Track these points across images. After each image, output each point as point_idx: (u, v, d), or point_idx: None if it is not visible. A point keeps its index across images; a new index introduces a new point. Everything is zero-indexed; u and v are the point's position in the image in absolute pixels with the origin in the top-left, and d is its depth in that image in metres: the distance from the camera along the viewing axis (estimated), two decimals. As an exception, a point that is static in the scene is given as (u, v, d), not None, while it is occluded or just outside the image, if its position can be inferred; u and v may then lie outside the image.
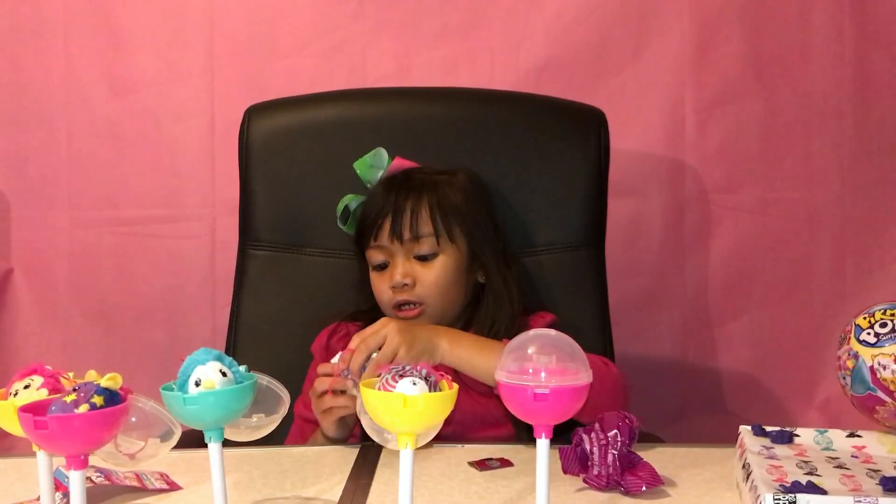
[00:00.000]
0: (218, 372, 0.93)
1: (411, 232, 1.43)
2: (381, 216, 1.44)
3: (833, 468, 1.05)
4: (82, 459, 0.88)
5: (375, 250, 1.45)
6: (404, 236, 1.43)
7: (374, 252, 1.46)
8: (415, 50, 1.96)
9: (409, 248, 1.43)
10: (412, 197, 1.44)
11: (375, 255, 1.46)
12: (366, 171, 1.53)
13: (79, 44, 1.95)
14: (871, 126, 1.98)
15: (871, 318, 1.15)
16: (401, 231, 1.42)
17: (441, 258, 1.45)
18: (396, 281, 1.42)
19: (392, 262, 1.44)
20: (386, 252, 1.44)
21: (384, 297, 1.45)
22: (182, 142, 1.97)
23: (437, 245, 1.44)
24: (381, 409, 0.92)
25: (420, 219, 1.43)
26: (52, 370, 0.99)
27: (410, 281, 1.42)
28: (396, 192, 1.45)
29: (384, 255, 1.45)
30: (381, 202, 1.45)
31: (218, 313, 1.94)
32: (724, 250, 2.00)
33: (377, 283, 1.46)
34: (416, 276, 1.43)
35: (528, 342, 0.95)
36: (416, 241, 1.43)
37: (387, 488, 1.12)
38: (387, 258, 1.45)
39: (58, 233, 1.98)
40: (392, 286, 1.43)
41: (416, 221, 1.43)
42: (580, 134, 1.66)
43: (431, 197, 1.45)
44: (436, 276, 1.44)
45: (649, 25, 1.96)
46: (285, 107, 1.70)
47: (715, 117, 1.98)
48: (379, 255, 1.45)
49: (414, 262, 1.44)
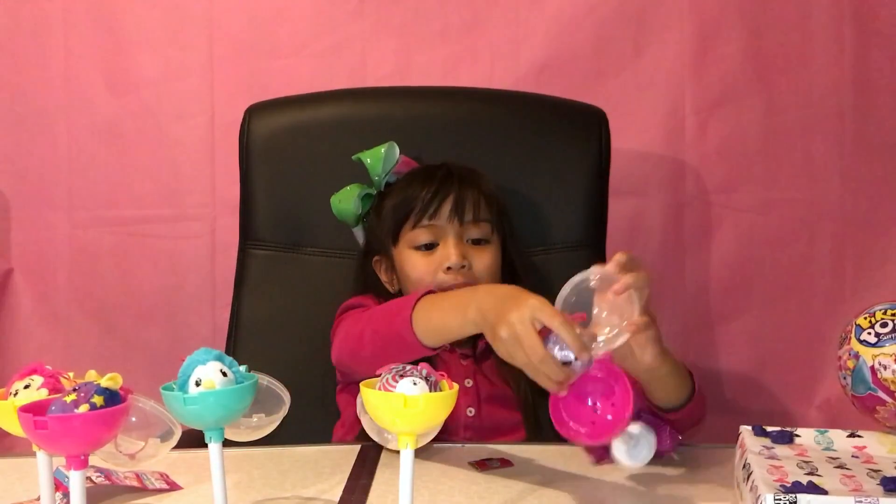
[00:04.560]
0: (218, 372, 0.93)
1: (474, 214, 1.41)
2: (438, 197, 1.41)
3: (834, 468, 1.05)
4: (82, 459, 0.88)
5: (426, 230, 1.42)
6: (466, 217, 1.41)
7: (422, 232, 1.42)
8: (415, 50, 1.96)
9: (463, 231, 1.42)
10: (468, 182, 1.44)
11: (423, 234, 1.42)
12: (377, 163, 1.50)
13: (79, 44, 1.94)
14: (871, 126, 1.98)
15: (872, 318, 1.15)
16: (463, 211, 1.41)
17: (492, 245, 1.45)
18: (454, 262, 1.39)
19: (443, 243, 1.41)
20: (437, 233, 1.42)
21: (428, 278, 1.40)
22: (182, 141, 1.97)
23: (490, 232, 1.44)
24: (382, 409, 0.92)
25: (481, 203, 1.43)
26: (52, 370, 0.99)
27: (468, 263, 1.40)
28: (450, 177, 1.43)
29: (433, 235, 1.42)
30: (437, 185, 1.42)
31: (218, 313, 1.94)
32: (725, 250, 2.00)
33: (421, 263, 1.42)
34: (470, 259, 1.41)
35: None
36: (475, 223, 1.42)
37: (387, 488, 1.12)
38: (435, 239, 1.42)
39: (58, 233, 1.97)
40: (449, 266, 1.39)
41: (476, 207, 1.42)
42: (581, 133, 1.67)
43: (484, 186, 1.45)
44: (491, 260, 1.43)
45: (649, 25, 1.96)
46: (285, 106, 1.70)
47: (715, 117, 1.98)
48: (428, 235, 1.42)
49: (466, 245, 1.42)
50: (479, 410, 1.42)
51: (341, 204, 1.52)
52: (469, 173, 1.47)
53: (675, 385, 1.21)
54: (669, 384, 1.21)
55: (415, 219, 1.42)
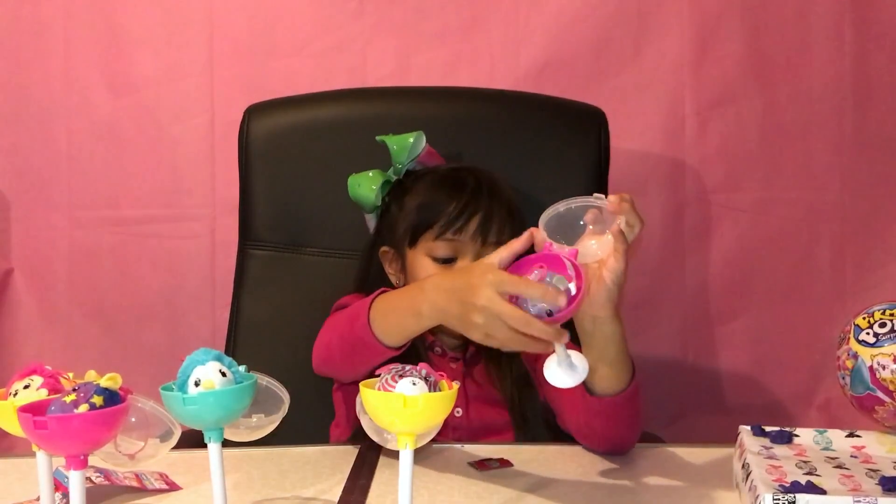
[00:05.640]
0: (218, 372, 0.93)
1: (497, 237, 1.40)
2: (465, 213, 1.40)
3: (832, 468, 1.05)
4: (82, 459, 0.88)
5: (447, 244, 1.41)
6: (490, 238, 1.40)
7: (443, 245, 1.41)
8: (415, 50, 1.96)
9: (483, 249, 1.41)
10: (496, 198, 1.43)
11: (444, 248, 1.41)
12: (402, 151, 1.48)
13: (79, 44, 1.94)
14: (871, 126, 1.98)
15: (871, 318, 1.15)
16: (488, 232, 1.40)
17: None
18: None
19: (462, 260, 1.40)
20: (458, 248, 1.41)
21: None
22: (182, 142, 1.97)
23: None
24: (381, 409, 0.92)
25: (504, 225, 1.42)
26: (52, 370, 0.99)
27: None
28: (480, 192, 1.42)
29: (453, 250, 1.41)
30: (466, 198, 1.41)
31: (218, 313, 1.94)
32: (724, 250, 2.01)
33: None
34: None
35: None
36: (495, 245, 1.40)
37: (386, 488, 1.12)
38: (455, 254, 1.41)
39: (58, 233, 1.97)
40: None
41: (501, 227, 1.41)
42: (581, 133, 1.67)
43: (510, 203, 1.44)
44: None
45: (649, 25, 1.96)
46: (285, 106, 1.70)
47: (715, 117, 1.98)
48: (448, 249, 1.41)
49: None
50: (468, 411, 1.43)
51: (360, 189, 1.50)
52: (495, 186, 1.45)
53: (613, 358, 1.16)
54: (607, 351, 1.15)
55: (438, 230, 1.41)
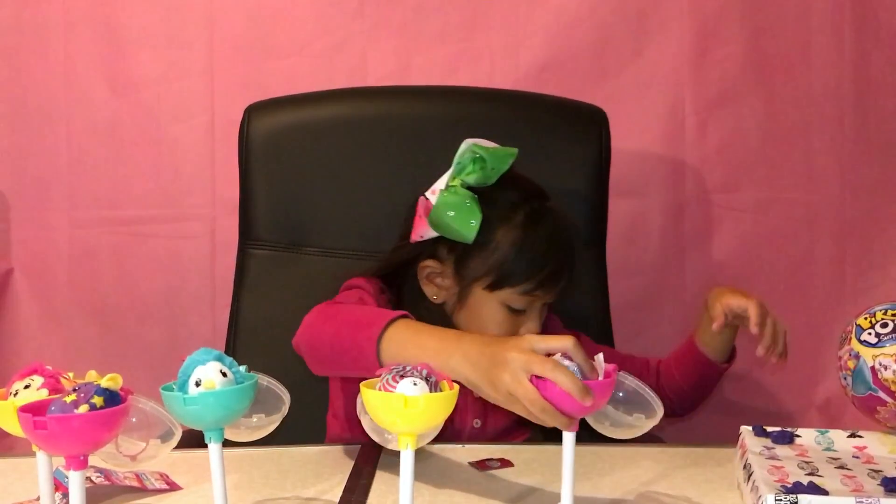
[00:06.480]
0: (218, 372, 0.92)
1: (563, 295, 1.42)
2: (561, 277, 1.39)
3: (834, 469, 1.05)
4: (82, 460, 0.87)
5: (527, 298, 1.38)
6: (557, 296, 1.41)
7: (524, 300, 1.38)
8: (415, 50, 1.96)
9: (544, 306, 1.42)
10: (575, 258, 1.42)
11: (522, 302, 1.38)
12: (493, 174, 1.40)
13: (79, 44, 1.94)
14: (871, 126, 1.98)
15: (872, 319, 1.15)
16: (560, 292, 1.40)
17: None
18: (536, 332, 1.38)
19: (530, 315, 1.39)
20: (531, 302, 1.39)
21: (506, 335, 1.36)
22: (182, 142, 1.97)
23: None
24: (382, 409, 0.91)
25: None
26: (52, 370, 0.99)
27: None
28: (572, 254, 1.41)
29: (528, 304, 1.39)
30: (562, 260, 1.40)
31: (218, 313, 1.94)
32: (724, 250, 2.01)
33: (507, 324, 1.38)
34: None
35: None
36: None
37: (387, 488, 1.12)
38: (526, 307, 1.39)
39: (58, 233, 1.97)
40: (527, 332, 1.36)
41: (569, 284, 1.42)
42: (581, 133, 1.67)
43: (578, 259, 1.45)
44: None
45: (649, 25, 1.96)
46: (285, 106, 1.70)
47: (715, 117, 1.98)
48: (525, 303, 1.39)
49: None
50: (486, 422, 1.42)
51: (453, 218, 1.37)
52: (575, 242, 1.43)
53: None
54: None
55: (527, 286, 1.37)
